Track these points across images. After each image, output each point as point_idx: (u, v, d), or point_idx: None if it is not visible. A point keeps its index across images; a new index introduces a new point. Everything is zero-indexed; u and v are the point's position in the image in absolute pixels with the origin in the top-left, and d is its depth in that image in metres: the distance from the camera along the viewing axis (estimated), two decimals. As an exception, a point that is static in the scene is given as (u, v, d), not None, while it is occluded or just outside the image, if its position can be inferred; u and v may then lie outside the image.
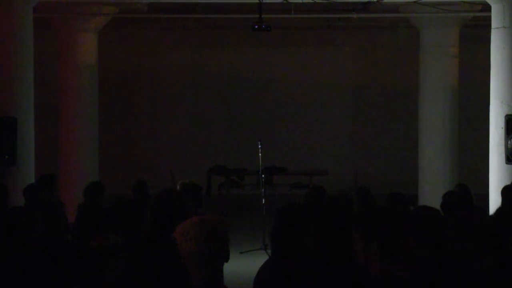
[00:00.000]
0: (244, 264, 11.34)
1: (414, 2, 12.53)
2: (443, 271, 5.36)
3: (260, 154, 13.32)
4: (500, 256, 5.52)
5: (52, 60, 15.52)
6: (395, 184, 13.05)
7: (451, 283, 5.34)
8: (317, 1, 11.52)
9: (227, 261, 7.50)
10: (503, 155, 10.80)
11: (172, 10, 15.66)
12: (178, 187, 10.72)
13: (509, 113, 10.78)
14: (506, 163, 10.78)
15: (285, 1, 11.64)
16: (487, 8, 11.63)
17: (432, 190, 11.26)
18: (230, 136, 18.44)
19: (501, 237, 5.64)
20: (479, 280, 5.38)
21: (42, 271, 5.48)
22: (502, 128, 10.84)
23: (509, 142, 10.69)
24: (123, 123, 18.49)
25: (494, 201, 10.53)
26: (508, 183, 9.48)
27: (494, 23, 11.07)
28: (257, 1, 11.53)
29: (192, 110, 18.72)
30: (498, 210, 7.55)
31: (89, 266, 5.58)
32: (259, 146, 13.31)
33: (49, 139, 15.49)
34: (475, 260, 5.67)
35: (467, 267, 5.49)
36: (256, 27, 11.88)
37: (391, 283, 4.99)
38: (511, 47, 10.84)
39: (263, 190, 13.11)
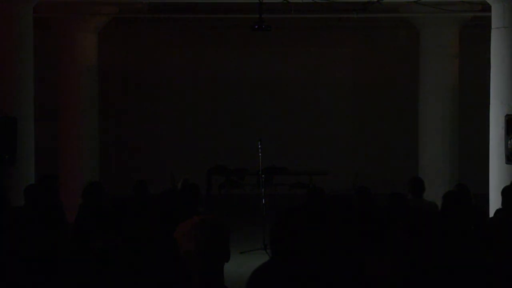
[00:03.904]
0: (244, 264, 11.34)
1: (414, 2, 12.53)
2: (443, 270, 5.36)
3: (260, 154, 13.32)
4: (500, 256, 5.52)
5: (52, 60, 15.52)
6: (395, 184, 13.04)
7: (450, 282, 5.34)
8: (317, 1, 11.52)
9: (227, 261, 7.51)
10: (503, 155, 10.80)
11: (172, 10, 15.66)
12: (180, 184, 10.74)
13: (509, 113, 10.78)
14: (506, 163, 10.78)
15: (285, 1, 11.64)
16: (487, 8, 11.63)
17: (432, 190, 11.23)
18: (230, 136, 18.43)
19: (501, 236, 5.64)
20: (479, 279, 5.38)
21: (42, 271, 5.48)
22: (502, 128, 10.84)
23: (509, 142, 10.69)
24: (123, 123, 18.49)
25: (494, 201, 10.52)
26: (508, 183, 9.48)
27: (494, 23, 11.07)
28: (257, 1, 11.52)
29: (192, 110, 18.72)
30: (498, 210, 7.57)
31: (89, 266, 5.57)
32: (259, 146, 13.31)
33: (49, 139, 15.49)
34: (475, 259, 5.67)
35: (467, 267, 5.49)
36: (256, 27, 11.87)
37: (390, 282, 5.00)
38: (511, 47, 10.84)
39: (263, 190, 13.11)
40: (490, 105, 11.20)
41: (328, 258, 5.10)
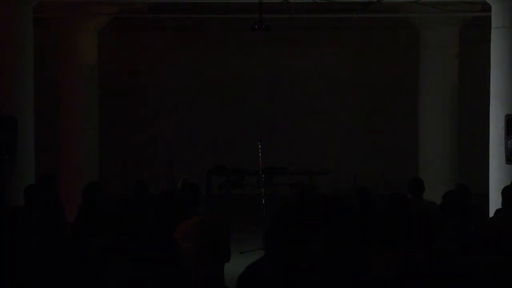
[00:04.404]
0: (244, 264, 11.33)
1: (414, 2, 12.53)
2: (443, 270, 5.36)
3: (260, 154, 13.32)
4: (500, 256, 5.52)
5: (52, 60, 15.51)
6: (395, 184, 13.05)
7: (450, 282, 5.34)
8: (317, 1, 11.52)
9: (227, 261, 7.50)
10: (503, 155, 10.80)
11: (172, 10, 15.66)
12: (180, 184, 10.73)
13: (509, 113, 10.78)
14: (506, 163, 10.78)
15: (285, 1, 11.63)
16: (487, 8, 11.63)
17: (432, 190, 11.23)
18: (230, 136, 18.43)
19: (501, 236, 5.64)
20: (479, 279, 5.38)
21: (42, 271, 5.48)
22: (502, 128, 10.84)
23: (509, 142, 10.70)
24: (123, 123, 18.48)
25: (494, 201, 10.53)
26: (508, 183, 9.48)
27: (494, 23, 11.07)
28: (257, 1, 11.52)
29: (192, 110, 18.71)
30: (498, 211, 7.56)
31: (89, 266, 5.57)
32: (259, 146, 13.31)
33: (49, 139, 15.49)
34: (475, 259, 5.67)
35: (467, 267, 5.49)
36: (256, 27, 11.87)
37: (391, 282, 5.00)
38: (511, 47, 10.84)
39: (263, 190, 13.11)
40: (490, 105, 11.20)
41: (323, 257, 5.11)
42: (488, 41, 11.22)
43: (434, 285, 5.18)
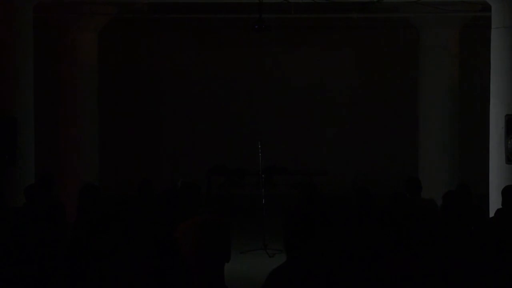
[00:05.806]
0: (244, 264, 11.35)
1: (414, 2, 12.53)
2: (443, 269, 5.36)
3: (260, 154, 13.33)
4: (500, 256, 5.52)
5: (52, 60, 15.52)
6: (395, 184, 13.04)
7: (450, 282, 5.35)
8: (317, 1, 11.52)
9: (228, 261, 7.49)
10: (503, 155, 10.80)
11: (172, 10, 15.66)
12: (180, 184, 10.73)
13: (509, 113, 10.78)
14: (506, 163, 10.78)
15: (285, 1, 11.64)
16: (487, 8, 11.64)
17: (432, 190, 11.25)
18: (230, 136, 18.43)
19: (501, 236, 5.64)
20: (479, 279, 5.39)
21: (42, 271, 5.48)
22: (502, 128, 10.84)
23: (509, 142, 10.70)
24: (123, 123, 18.48)
25: (494, 201, 10.53)
26: (508, 183, 9.48)
27: (494, 23, 11.08)
28: (257, 1, 11.52)
29: (192, 110, 18.71)
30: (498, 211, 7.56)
31: (89, 266, 5.57)
32: (259, 146, 13.31)
33: (49, 139, 15.49)
34: (475, 259, 5.68)
35: (467, 266, 5.50)
36: (256, 27, 11.87)
37: (391, 282, 5.00)
38: (511, 47, 10.84)
39: (263, 190, 13.12)
40: (490, 105, 11.20)
41: (345, 258, 5.10)
42: (488, 41, 11.22)
43: (434, 285, 5.18)
